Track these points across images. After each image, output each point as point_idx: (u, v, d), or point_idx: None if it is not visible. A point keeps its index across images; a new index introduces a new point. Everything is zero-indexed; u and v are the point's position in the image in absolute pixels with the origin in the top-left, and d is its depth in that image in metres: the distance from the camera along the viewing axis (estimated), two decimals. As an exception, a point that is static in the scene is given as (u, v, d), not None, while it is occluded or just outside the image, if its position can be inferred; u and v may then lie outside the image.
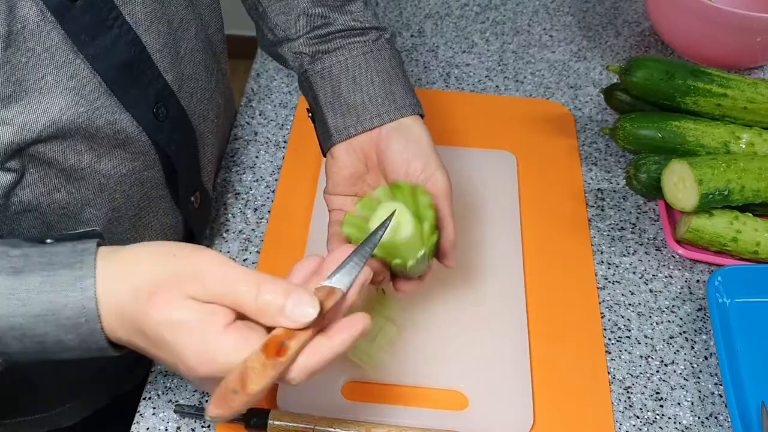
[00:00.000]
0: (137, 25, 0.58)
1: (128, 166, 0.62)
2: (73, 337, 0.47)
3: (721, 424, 0.67)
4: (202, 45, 0.68)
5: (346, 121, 0.64)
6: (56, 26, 0.52)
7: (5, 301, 0.46)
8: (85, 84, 0.54)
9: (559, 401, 0.68)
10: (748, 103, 0.82)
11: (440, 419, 0.65)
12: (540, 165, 0.87)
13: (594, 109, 0.95)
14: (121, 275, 0.47)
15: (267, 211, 0.81)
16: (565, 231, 0.81)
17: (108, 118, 0.57)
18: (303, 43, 0.67)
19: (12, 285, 0.46)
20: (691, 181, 0.74)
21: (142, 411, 0.66)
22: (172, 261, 0.47)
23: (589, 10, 1.10)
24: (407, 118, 0.65)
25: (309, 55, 0.67)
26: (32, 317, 0.46)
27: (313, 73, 0.67)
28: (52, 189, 0.58)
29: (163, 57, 0.61)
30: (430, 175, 0.62)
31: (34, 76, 0.52)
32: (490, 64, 1.00)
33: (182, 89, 0.65)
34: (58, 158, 0.56)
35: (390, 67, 0.66)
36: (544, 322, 0.73)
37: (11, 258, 0.47)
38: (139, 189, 0.65)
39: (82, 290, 0.46)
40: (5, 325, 0.46)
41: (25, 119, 0.52)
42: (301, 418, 0.63)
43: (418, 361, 0.69)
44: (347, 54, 0.66)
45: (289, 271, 0.52)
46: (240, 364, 0.44)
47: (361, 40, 0.66)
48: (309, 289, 0.47)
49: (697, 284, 0.78)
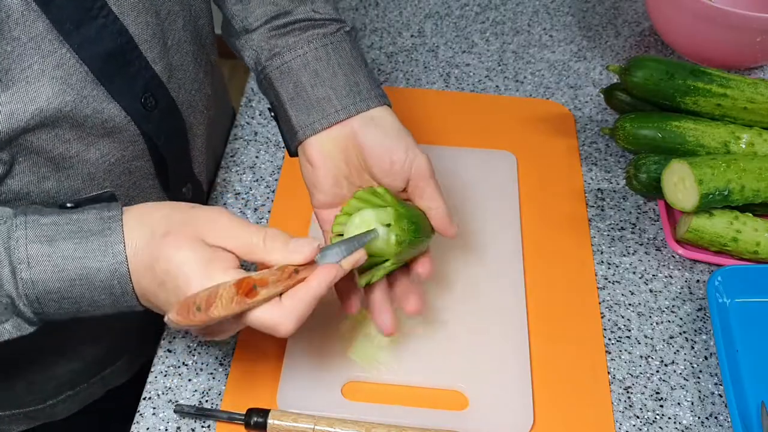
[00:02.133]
0: (124, 15, 0.58)
1: (117, 156, 0.62)
2: (106, 297, 0.52)
3: (721, 424, 0.67)
4: (190, 36, 0.68)
5: (310, 117, 0.62)
6: (40, 15, 0.52)
7: (43, 267, 0.50)
8: (72, 73, 0.55)
9: (559, 401, 0.68)
10: (748, 103, 0.82)
11: (440, 419, 0.65)
12: (540, 165, 0.87)
13: (594, 109, 0.95)
14: (143, 225, 0.52)
15: (267, 211, 0.81)
16: (565, 231, 0.81)
17: (95, 107, 0.57)
18: (261, 35, 0.65)
19: (48, 252, 0.51)
20: (691, 181, 0.74)
21: (142, 411, 0.66)
22: (189, 210, 0.53)
23: (589, 10, 1.10)
24: (376, 109, 0.62)
25: (267, 50, 0.65)
26: (68, 281, 0.51)
27: (272, 69, 0.64)
28: (41, 178, 0.58)
29: (151, 47, 0.61)
30: (413, 159, 0.61)
31: (20, 65, 0.52)
32: (490, 64, 1.00)
33: (171, 80, 0.65)
34: (46, 147, 0.56)
35: (352, 58, 0.64)
36: (544, 322, 0.73)
37: (42, 226, 0.51)
38: (128, 178, 0.65)
39: (113, 255, 0.51)
40: (44, 289, 0.51)
41: (13, 108, 0.52)
42: (301, 418, 0.63)
43: (418, 361, 0.69)
44: (307, 47, 0.63)
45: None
46: (213, 287, 0.49)
47: (320, 33, 0.64)
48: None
49: (697, 284, 0.78)
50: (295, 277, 0.51)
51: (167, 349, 0.70)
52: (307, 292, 0.51)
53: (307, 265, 0.52)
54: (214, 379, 0.68)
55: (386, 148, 0.61)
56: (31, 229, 0.51)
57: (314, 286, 0.51)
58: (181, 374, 0.68)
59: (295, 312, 0.51)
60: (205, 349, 0.70)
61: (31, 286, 0.50)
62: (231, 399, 0.66)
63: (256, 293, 0.49)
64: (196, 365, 0.69)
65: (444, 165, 0.84)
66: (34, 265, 0.50)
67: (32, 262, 0.50)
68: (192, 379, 0.68)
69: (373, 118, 0.62)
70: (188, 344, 0.70)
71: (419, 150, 0.61)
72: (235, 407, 0.65)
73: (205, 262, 0.50)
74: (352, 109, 0.62)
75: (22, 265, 0.50)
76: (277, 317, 0.51)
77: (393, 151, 0.61)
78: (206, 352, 0.70)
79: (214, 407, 0.66)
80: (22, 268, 0.50)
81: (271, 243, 0.52)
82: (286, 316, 0.51)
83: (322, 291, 0.52)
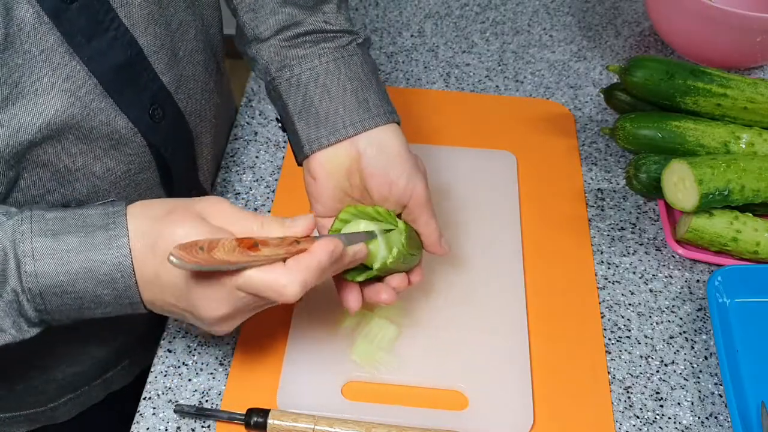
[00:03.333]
0: (134, 27, 0.58)
1: (123, 169, 0.62)
2: (109, 292, 0.52)
3: (721, 424, 0.67)
4: (202, 46, 0.68)
5: (318, 132, 0.62)
6: (52, 28, 0.52)
7: (47, 260, 0.50)
8: (81, 86, 0.55)
9: (559, 401, 0.68)
10: (748, 103, 0.82)
11: (440, 419, 0.65)
12: (540, 165, 0.87)
13: (594, 109, 0.95)
14: (145, 215, 0.53)
15: (267, 211, 0.81)
16: (565, 231, 0.81)
17: (102, 119, 0.57)
18: (271, 46, 0.65)
19: (52, 245, 0.51)
20: (691, 181, 0.74)
21: (142, 411, 0.66)
22: (191, 199, 0.54)
23: (589, 10, 1.10)
24: (383, 129, 0.62)
25: (277, 62, 0.64)
26: (72, 275, 0.51)
27: (282, 80, 0.64)
28: (46, 191, 0.58)
29: (160, 58, 0.61)
30: (412, 188, 0.62)
31: (30, 78, 0.52)
32: (490, 64, 1.00)
33: (180, 90, 0.65)
34: (52, 160, 0.56)
35: (362, 73, 0.63)
36: (544, 322, 0.73)
37: (48, 220, 0.52)
38: (134, 190, 0.65)
39: (117, 248, 0.51)
40: (47, 282, 0.51)
41: (21, 121, 0.52)
42: (301, 418, 0.63)
43: (418, 361, 0.69)
44: (317, 61, 0.63)
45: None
46: (214, 238, 0.50)
47: (331, 46, 0.63)
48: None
49: (697, 284, 0.78)
50: (296, 246, 0.52)
51: (167, 349, 0.70)
52: (311, 258, 0.52)
53: (308, 238, 0.53)
54: (214, 379, 0.68)
55: (386, 176, 0.61)
56: (37, 223, 0.51)
57: (318, 252, 0.52)
58: (181, 374, 0.68)
59: (300, 275, 0.51)
60: (205, 349, 0.70)
61: (35, 279, 0.50)
62: (231, 399, 0.66)
63: (257, 249, 0.50)
64: (196, 365, 0.69)
65: (444, 165, 0.85)
66: (38, 258, 0.50)
67: (37, 255, 0.50)
68: (192, 379, 0.68)
69: (379, 141, 0.62)
70: (188, 344, 0.70)
71: (418, 177, 0.62)
72: (235, 407, 0.65)
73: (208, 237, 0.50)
74: (359, 126, 0.62)
75: (27, 258, 0.50)
76: (283, 278, 0.51)
77: (393, 180, 0.61)
78: (206, 352, 0.70)
79: (214, 407, 0.66)
80: (26, 261, 0.50)
81: (268, 226, 0.53)
82: (292, 277, 0.51)
83: (325, 259, 0.52)
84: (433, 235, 0.64)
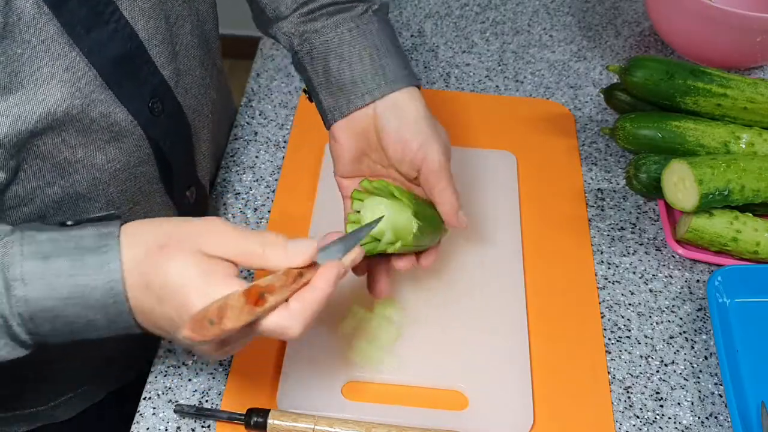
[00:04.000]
0: (135, 20, 0.58)
1: (122, 161, 0.62)
2: (102, 317, 0.50)
3: (721, 424, 0.67)
4: (197, 41, 0.68)
5: (338, 101, 0.64)
6: (52, 18, 0.52)
7: (36, 285, 0.48)
8: (81, 77, 0.55)
9: (559, 401, 0.68)
10: (748, 103, 0.82)
11: (440, 419, 0.65)
12: (540, 165, 0.87)
13: (594, 109, 0.95)
14: (138, 243, 0.50)
15: (267, 211, 0.81)
16: (565, 231, 0.81)
17: (102, 111, 0.57)
18: (291, 22, 0.67)
19: (41, 270, 0.48)
20: (691, 181, 0.74)
21: (142, 411, 0.66)
22: (185, 222, 0.51)
23: (589, 10, 1.10)
24: (401, 92, 0.63)
25: (298, 36, 0.66)
26: (62, 300, 0.49)
27: (303, 54, 0.66)
28: (46, 183, 0.58)
29: (160, 52, 0.61)
30: (425, 153, 0.62)
31: (30, 67, 0.52)
32: (490, 64, 1.00)
33: (179, 84, 0.65)
34: (52, 152, 0.56)
35: (379, 41, 0.65)
36: (544, 322, 0.73)
37: (40, 243, 0.49)
38: (133, 183, 0.65)
39: (108, 273, 0.49)
40: (37, 307, 0.49)
41: (21, 111, 0.52)
42: (301, 418, 0.63)
43: (418, 361, 0.69)
44: (334, 32, 0.64)
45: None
46: (221, 299, 0.47)
47: (347, 16, 0.65)
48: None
49: (697, 284, 0.78)
50: (300, 280, 0.51)
51: (167, 349, 0.70)
52: (313, 295, 0.51)
53: (310, 266, 0.52)
54: (214, 379, 0.68)
55: (400, 139, 0.62)
56: (27, 245, 0.49)
57: (320, 287, 0.51)
58: (181, 374, 0.68)
59: (303, 315, 0.50)
60: (205, 349, 0.70)
61: (24, 304, 0.49)
62: (231, 399, 0.66)
63: (264, 301, 0.48)
64: (196, 365, 0.69)
65: (444, 165, 0.85)
66: (28, 283, 0.48)
67: (27, 279, 0.48)
68: (192, 379, 0.68)
69: (395, 106, 0.63)
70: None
71: (436, 142, 0.62)
72: (235, 407, 0.65)
73: (205, 274, 0.48)
74: (376, 93, 0.63)
75: (17, 282, 0.48)
76: (285, 322, 0.50)
77: (406, 143, 0.62)
78: (206, 352, 0.70)
79: (214, 407, 0.66)
80: (16, 286, 0.48)
81: (270, 249, 0.50)
82: (295, 319, 0.50)
83: (329, 291, 0.51)
84: (448, 205, 0.63)
